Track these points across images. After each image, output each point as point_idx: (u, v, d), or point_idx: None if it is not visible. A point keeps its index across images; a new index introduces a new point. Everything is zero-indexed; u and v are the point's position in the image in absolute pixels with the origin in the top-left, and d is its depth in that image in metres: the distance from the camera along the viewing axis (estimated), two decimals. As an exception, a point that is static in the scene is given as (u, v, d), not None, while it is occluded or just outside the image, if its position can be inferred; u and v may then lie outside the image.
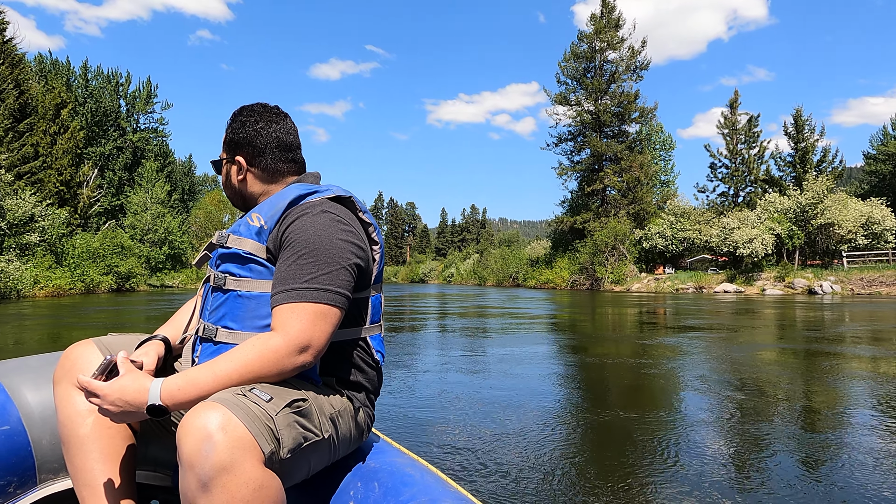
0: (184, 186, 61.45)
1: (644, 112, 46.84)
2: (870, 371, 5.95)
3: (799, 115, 41.85)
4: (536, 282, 48.03)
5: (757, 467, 2.95)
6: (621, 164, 45.46)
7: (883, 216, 33.51)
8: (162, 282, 43.17)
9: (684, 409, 4.31)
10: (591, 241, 42.01)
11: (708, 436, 3.53)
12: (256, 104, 1.43)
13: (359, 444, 1.31)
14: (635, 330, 11.15)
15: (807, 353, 7.41)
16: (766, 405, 4.36)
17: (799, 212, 34.10)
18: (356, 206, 1.30)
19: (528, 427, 3.73)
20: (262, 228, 1.24)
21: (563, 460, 3.07)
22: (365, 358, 1.33)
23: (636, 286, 37.71)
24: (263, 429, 0.98)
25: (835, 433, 3.59)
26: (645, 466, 2.94)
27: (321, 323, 1.14)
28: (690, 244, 40.80)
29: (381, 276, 1.36)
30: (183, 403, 1.07)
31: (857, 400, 4.56)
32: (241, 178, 1.40)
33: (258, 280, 1.23)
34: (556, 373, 6.10)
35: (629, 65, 46.79)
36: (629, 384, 5.38)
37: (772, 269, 32.51)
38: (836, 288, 27.72)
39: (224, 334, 1.24)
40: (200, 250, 1.43)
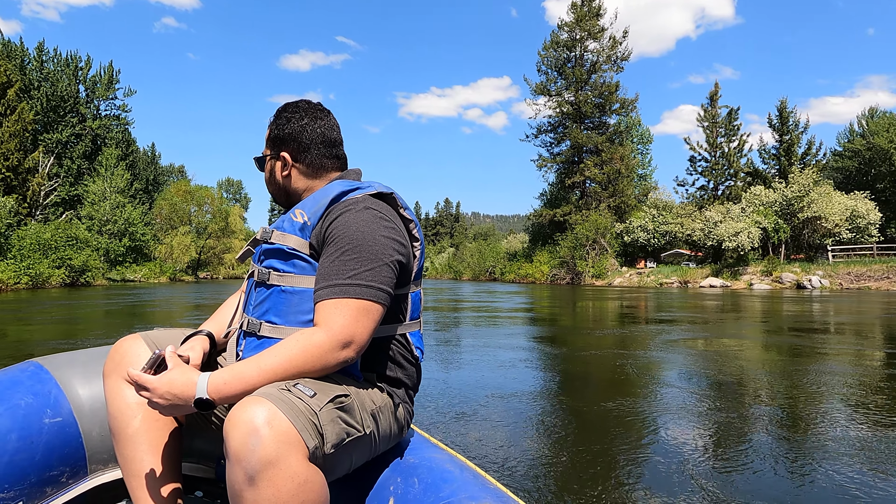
0: (147, 176, 58.64)
1: (625, 104, 46.05)
2: (854, 364, 5.97)
3: (784, 107, 41.59)
4: (515, 276, 47.00)
5: (734, 455, 3.00)
6: (602, 156, 44.62)
7: (867, 210, 33.30)
8: (123, 276, 40.80)
9: (684, 401, 4.24)
10: (572, 234, 41.08)
11: (696, 426, 3.58)
12: (301, 101, 1.43)
13: (398, 440, 1.31)
14: (632, 325, 10.60)
15: (805, 348, 7.26)
16: (752, 398, 4.38)
17: (785, 205, 33.64)
18: (398, 202, 1.30)
19: (514, 417, 3.76)
20: (306, 224, 1.25)
21: (552, 447, 3.13)
22: (405, 354, 1.32)
23: (618, 280, 36.89)
24: (308, 424, 1.00)
25: (814, 424, 3.61)
26: (633, 456, 2.96)
27: (364, 319, 1.15)
28: (672, 238, 40.21)
29: (421, 272, 1.36)
30: (229, 397, 1.08)
31: (840, 392, 4.54)
32: (285, 174, 1.40)
33: (301, 275, 1.24)
34: (546, 365, 6.11)
35: (610, 55, 45.93)
36: (616, 376, 5.33)
37: (757, 264, 31.94)
38: (824, 282, 27.20)
39: (268, 329, 1.24)
40: (244, 245, 1.40)
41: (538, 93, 47.60)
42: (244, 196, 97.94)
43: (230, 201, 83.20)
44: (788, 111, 41.38)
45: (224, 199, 69.40)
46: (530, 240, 52.59)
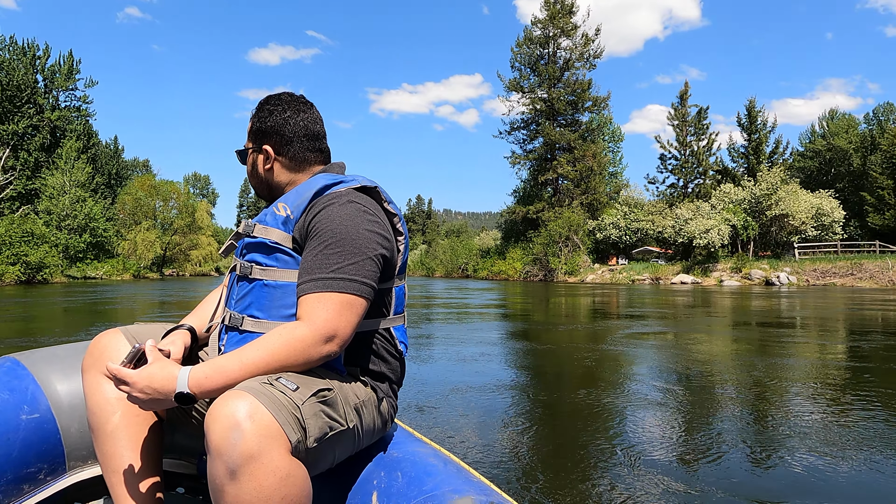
0: (110, 170, 56.76)
1: (597, 101, 46.31)
2: (819, 357, 6.12)
3: (752, 106, 42.35)
4: (489, 273, 46.92)
5: (700, 444, 3.05)
6: (574, 154, 44.79)
7: (832, 208, 34.09)
8: (83, 273, 39.33)
9: (653, 393, 4.30)
10: (546, 231, 41.14)
11: (663, 417, 3.62)
12: (283, 93, 1.42)
13: (382, 434, 1.31)
14: (603, 320, 10.64)
15: (770, 342, 7.41)
16: (718, 389, 4.46)
17: (753, 202, 34.22)
18: (381, 196, 1.30)
19: (484, 410, 3.78)
20: (289, 218, 1.24)
21: (524, 439, 3.15)
22: (388, 348, 1.32)
23: (591, 277, 37.08)
24: (290, 418, 0.99)
25: (776, 414, 3.68)
26: (603, 446, 3.00)
27: (347, 313, 1.14)
28: (644, 235, 40.61)
29: (405, 266, 1.35)
30: (210, 391, 1.07)
31: (802, 383, 4.65)
32: (268, 167, 1.39)
33: (284, 269, 1.23)
34: (517, 359, 6.14)
35: (582, 53, 46.10)
36: (587, 370, 5.38)
37: (727, 260, 32.43)
38: (791, 279, 27.71)
39: (250, 323, 1.24)
40: (227, 240, 1.39)
41: (511, 89, 47.55)
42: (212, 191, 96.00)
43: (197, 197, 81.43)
44: (757, 111, 42.16)
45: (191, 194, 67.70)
46: (503, 237, 52.57)
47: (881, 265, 26.54)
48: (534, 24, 46.62)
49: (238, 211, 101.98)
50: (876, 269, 26.44)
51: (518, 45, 47.26)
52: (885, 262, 26.92)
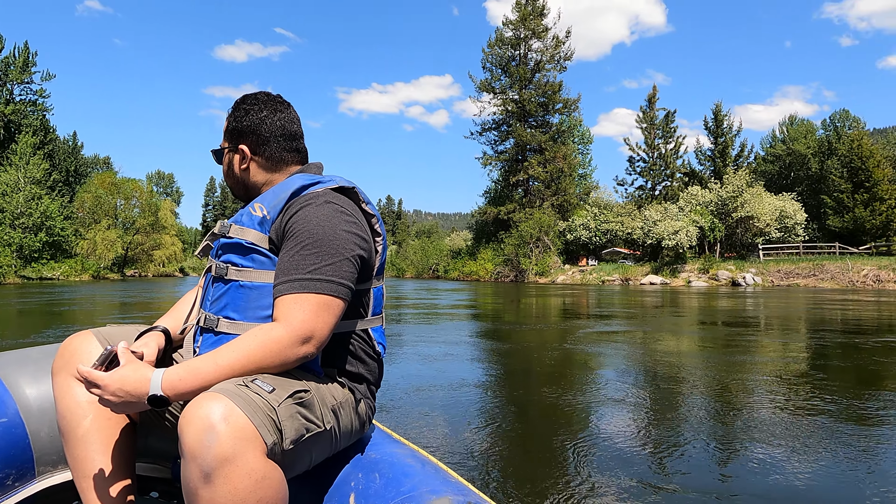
0: (68, 167, 54.78)
1: (567, 103, 46.64)
2: (781, 355, 6.28)
3: (719, 110, 43.23)
4: (460, 273, 46.78)
5: (668, 440, 3.09)
6: (545, 155, 45.02)
7: (794, 210, 34.98)
8: (39, 273, 37.82)
9: (617, 392, 4.34)
10: (517, 232, 41.22)
11: (633, 414, 3.68)
12: (259, 93, 1.42)
13: (360, 435, 1.31)
14: (574, 320, 10.71)
15: (736, 341, 7.58)
16: (686, 387, 4.54)
17: (720, 205, 34.88)
18: (359, 196, 1.29)
19: (455, 408, 3.80)
20: (265, 218, 1.23)
21: (497, 437, 3.18)
22: (366, 349, 1.32)
23: (561, 278, 37.27)
24: (266, 420, 0.98)
25: (741, 410, 3.76)
26: (574, 444, 3.01)
27: (324, 314, 1.13)
28: (613, 236, 41.03)
29: (383, 267, 1.35)
30: (184, 394, 1.06)
31: (766, 380, 4.76)
32: (244, 167, 1.38)
33: (260, 270, 1.22)
34: (488, 358, 6.19)
35: (553, 55, 46.38)
36: (557, 369, 5.41)
37: (695, 262, 32.96)
38: (757, 280, 28.29)
39: (225, 325, 1.23)
40: (203, 240, 1.38)
41: (482, 90, 47.56)
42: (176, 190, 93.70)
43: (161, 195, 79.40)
44: (723, 115, 43.05)
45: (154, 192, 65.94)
46: (474, 237, 52.52)
47: (841, 266, 27.29)
48: (505, 26, 46.73)
49: (203, 210, 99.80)
50: (837, 270, 27.18)
51: (489, 46, 47.32)
52: (845, 263, 27.69)
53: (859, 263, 27.40)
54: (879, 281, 25.14)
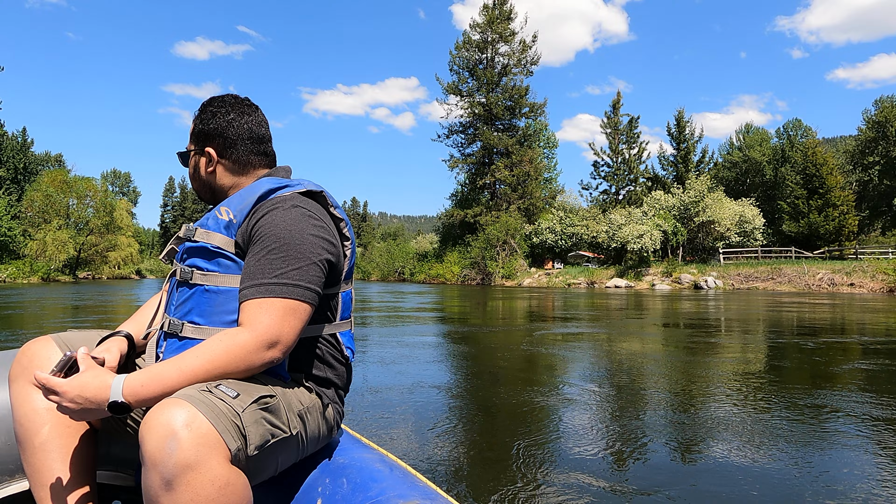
0: (16, 164, 52.45)
1: (534, 107, 46.96)
2: (740, 356, 6.45)
3: (681, 117, 44.15)
4: (426, 276, 46.53)
5: (630, 440, 3.15)
6: (512, 158, 45.20)
7: (753, 215, 35.92)
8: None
9: (581, 394, 4.41)
10: (483, 235, 41.23)
11: (596, 416, 3.74)
12: (227, 95, 1.41)
13: (328, 440, 1.31)
14: (540, 322, 10.73)
15: (697, 342, 7.75)
16: (648, 388, 4.63)
17: (682, 209, 35.56)
18: (328, 201, 1.29)
19: (421, 410, 3.80)
20: (231, 222, 1.22)
21: (461, 439, 3.20)
22: (334, 354, 1.31)
23: (528, 281, 37.40)
24: (230, 425, 0.98)
25: (701, 409, 3.87)
26: (538, 446, 3.04)
27: (290, 319, 1.13)
28: (578, 239, 41.44)
29: (352, 271, 1.35)
30: (146, 400, 1.04)
31: (724, 380, 4.90)
32: (210, 170, 1.37)
33: (226, 275, 1.21)
34: (453, 361, 6.19)
35: (520, 59, 46.65)
36: (522, 371, 5.49)
37: (658, 265, 33.48)
38: (718, 283, 28.88)
39: (190, 329, 1.21)
40: (168, 244, 1.37)
41: (450, 92, 47.50)
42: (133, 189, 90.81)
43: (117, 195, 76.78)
44: (685, 121, 44.01)
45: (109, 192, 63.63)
46: (440, 240, 52.36)
47: (798, 270, 28.09)
48: (472, 29, 46.81)
49: (162, 211, 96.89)
50: (794, 273, 27.96)
51: (457, 49, 47.30)
52: (801, 266, 28.52)
53: (814, 267, 28.26)
54: (833, 284, 25.96)
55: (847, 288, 25.07)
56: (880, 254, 31.58)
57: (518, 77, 46.86)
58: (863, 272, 25.72)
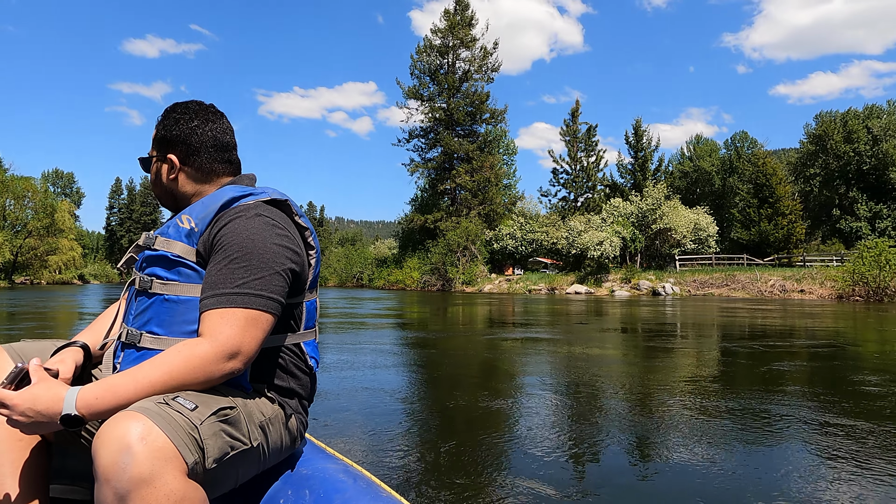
0: (-53, 162, 49.17)
1: (495, 114, 47.06)
2: (696, 360, 6.62)
3: (639, 125, 45.02)
4: (385, 282, 45.89)
5: (588, 445, 3.25)
6: (473, 164, 45.14)
7: (707, 223, 36.83)
8: None
9: (537, 400, 4.43)
10: (444, 240, 40.94)
11: (554, 420, 3.79)
12: (191, 101, 1.40)
13: (291, 451, 1.29)
14: (500, 328, 10.78)
15: (655, 346, 7.91)
16: (604, 392, 4.75)
17: (640, 216, 36.15)
18: (292, 209, 1.28)
19: (379, 415, 3.85)
20: (193, 230, 1.21)
21: (423, 446, 3.21)
22: (298, 364, 1.30)
23: (488, 287, 37.30)
24: (187, 438, 0.96)
25: (658, 414, 3.92)
26: (498, 452, 3.08)
27: (252, 329, 1.11)
28: (538, 246, 41.64)
29: (316, 281, 1.34)
30: (101, 413, 1.02)
31: (683, 385, 4.98)
32: (172, 177, 1.35)
33: (186, 284, 1.19)
34: (412, 367, 6.23)
35: (481, 65, 46.72)
36: (482, 377, 5.59)
37: (617, 272, 33.88)
38: (675, 289, 29.37)
39: (149, 340, 1.19)
40: (127, 252, 1.35)
41: (410, 97, 47.13)
42: (76, 191, 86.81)
43: (58, 196, 73.22)
44: (642, 130, 44.91)
45: (50, 193, 60.54)
46: (400, 245, 51.81)
47: (751, 277, 28.86)
48: (434, 34, 46.63)
49: (108, 213, 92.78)
50: (747, 280, 28.71)
51: (418, 53, 47.01)
52: (754, 273, 29.33)
53: (766, 274, 29.09)
54: (785, 291, 26.74)
55: (798, 294, 25.85)
56: (826, 262, 32.83)
57: (479, 83, 46.93)
58: (812, 279, 26.60)
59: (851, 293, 22.77)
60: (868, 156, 41.65)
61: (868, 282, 22.08)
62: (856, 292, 22.63)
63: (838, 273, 24.23)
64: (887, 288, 21.67)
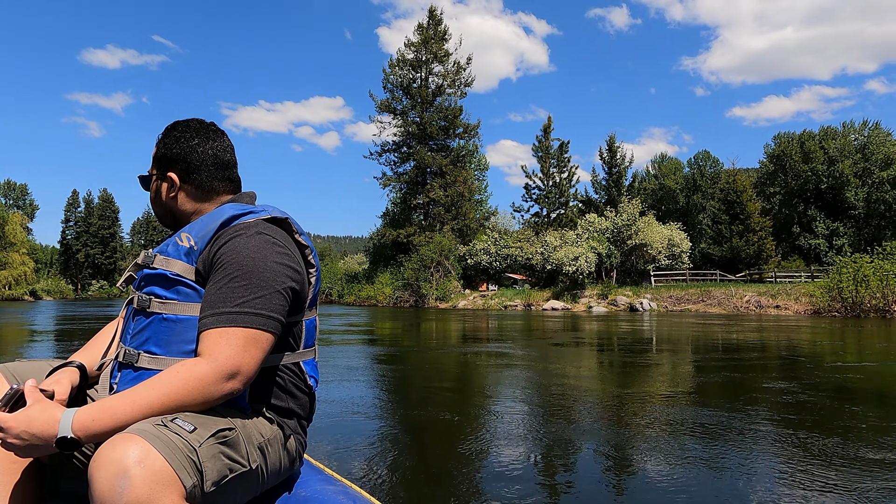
0: None
1: (468, 128, 46.82)
2: (669, 374, 6.75)
3: (612, 141, 45.35)
4: (356, 298, 44.77)
5: (561, 457, 3.39)
6: (446, 178, 44.68)
7: (680, 239, 37.03)
8: None
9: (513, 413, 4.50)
10: (417, 255, 40.18)
11: (529, 433, 3.90)
12: (192, 120, 1.40)
13: (290, 472, 1.27)
14: (488, 345, 10.41)
15: (637, 362, 7.91)
16: (581, 405, 4.82)
17: (615, 232, 36.11)
18: (293, 228, 1.28)
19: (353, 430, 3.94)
20: (192, 249, 1.20)
21: (396, 456, 3.34)
22: (297, 383, 1.28)
23: (462, 303, 36.62)
24: (185, 461, 0.95)
25: (632, 430, 3.98)
26: (472, 466, 3.18)
27: (252, 349, 1.10)
28: (513, 261, 41.24)
29: (316, 298, 1.33)
30: (97, 435, 1.00)
31: (654, 399, 5.07)
32: (171, 195, 1.35)
33: (185, 303, 1.18)
34: (386, 383, 6.25)
35: (455, 80, 46.51)
36: (458, 392, 5.64)
37: (594, 287, 33.62)
38: (653, 305, 29.22)
39: (146, 360, 1.17)
40: (126, 270, 1.35)
41: (383, 110, 46.56)
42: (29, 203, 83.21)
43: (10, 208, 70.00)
44: (616, 146, 45.26)
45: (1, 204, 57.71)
46: (371, 261, 50.82)
47: (726, 292, 28.92)
48: (407, 47, 46.30)
49: (63, 227, 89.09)
50: (722, 296, 28.73)
51: (391, 66, 46.56)
52: (729, 289, 29.41)
53: (741, 290, 29.19)
54: (760, 306, 26.81)
55: (773, 310, 25.92)
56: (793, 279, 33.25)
57: (452, 97, 46.67)
58: (786, 295, 26.75)
59: (829, 309, 22.86)
60: (825, 175, 42.84)
61: (845, 297, 22.20)
62: (834, 308, 22.71)
63: (815, 289, 24.35)
64: (863, 304, 21.81)
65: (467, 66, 47.03)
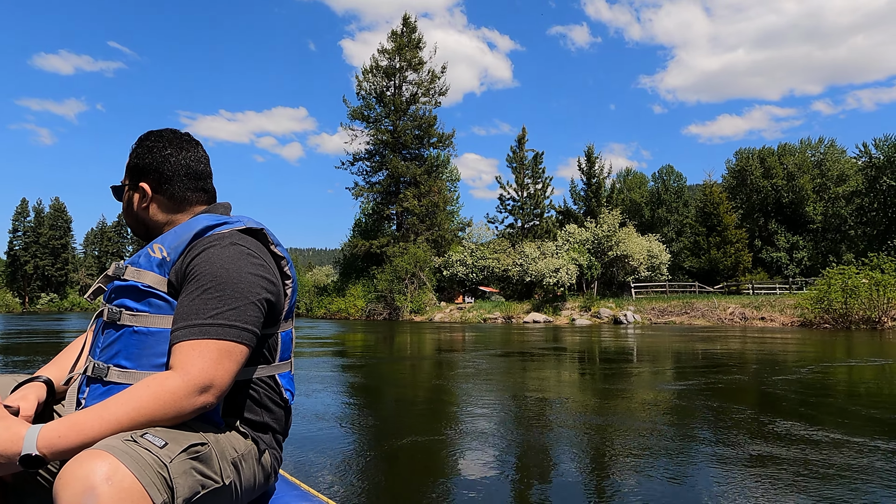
0: None
1: (443, 138, 45.95)
2: (653, 387, 6.74)
3: (591, 152, 45.15)
4: (326, 311, 43.09)
5: (540, 468, 3.44)
6: (420, 188, 43.63)
7: (659, 251, 36.79)
8: None
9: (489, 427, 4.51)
10: (391, 267, 38.88)
11: (509, 446, 3.96)
12: (165, 130, 1.38)
13: (265, 488, 1.25)
14: (476, 360, 9.95)
15: (623, 374, 7.96)
16: (560, 415, 4.95)
17: (596, 243, 35.61)
18: (268, 238, 1.26)
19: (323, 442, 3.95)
20: (165, 260, 1.17)
21: (373, 468, 3.36)
22: (273, 397, 1.26)
23: (439, 316, 35.43)
24: (155, 477, 0.92)
25: (612, 436, 4.15)
26: (445, 480, 3.20)
27: (225, 361, 1.07)
28: (490, 273, 40.32)
29: (292, 310, 1.32)
30: (64, 452, 0.97)
31: (636, 411, 5.18)
32: (144, 205, 1.33)
33: (157, 315, 1.15)
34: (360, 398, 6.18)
35: (429, 88, 45.67)
36: (437, 406, 5.62)
37: (575, 299, 32.92)
38: (636, 317, 28.65)
39: (116, 373, 1.14)
40: (95, 282, 1.29)
41: (355, 118, 45.35)
42: (-27, 211, 78.53)
43: (-49, 216, 65.65)
44: (595, 157, 45.06)
45: (-58, 211, 53.93)
46: (342, 272, 49.18)
47: (709, 304, 28.58)
48: (381, 54, 45.31)
49: (11, 237, 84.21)
50: (705, 308, 28.37)
51: (364, 73, 45.45)
52: (711, 301, 29.09)
53: (724, 302, 28.90)
54: (745, 318, 26.50)
55: (759, 322, 25.61)
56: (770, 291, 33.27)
57: (426, 106, 45.78)
58: (771, 306, 26.51)
59: (820, 321, 22.58)
60: (785, 190, 43.68)
61: (835, 309, 21.94)
62: (824, 320, 22.44)
63: (804, 300, 24.10)
64: (850, 315, 21.58)
65: (442, 75, 46.31)
